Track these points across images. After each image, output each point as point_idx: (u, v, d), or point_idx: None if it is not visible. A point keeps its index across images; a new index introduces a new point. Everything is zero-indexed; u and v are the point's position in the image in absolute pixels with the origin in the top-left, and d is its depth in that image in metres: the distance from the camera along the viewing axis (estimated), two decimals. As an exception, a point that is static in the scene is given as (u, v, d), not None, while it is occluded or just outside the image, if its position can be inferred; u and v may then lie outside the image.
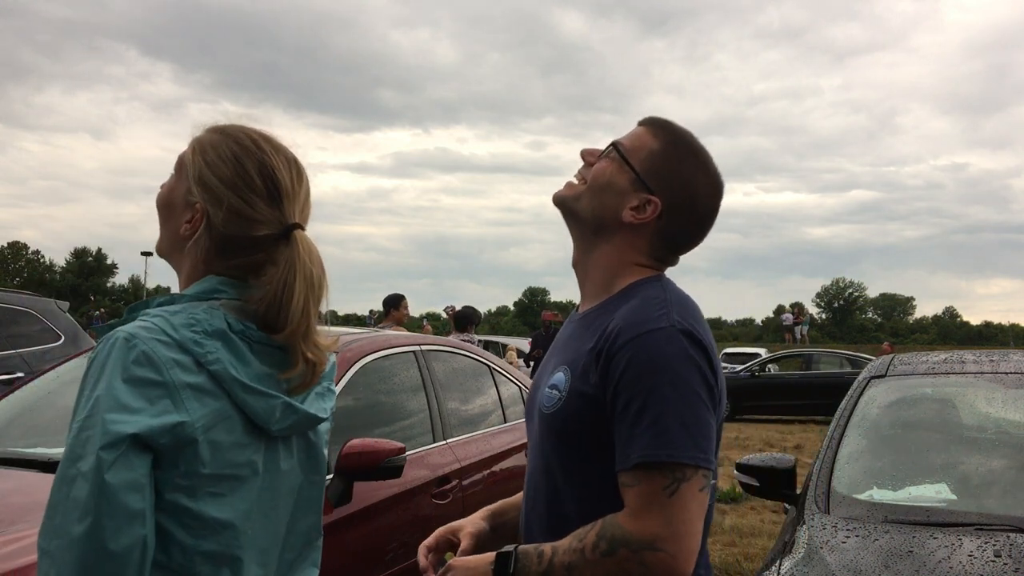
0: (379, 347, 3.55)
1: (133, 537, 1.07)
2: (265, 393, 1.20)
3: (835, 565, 2.25)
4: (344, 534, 2.79)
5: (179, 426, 1.12)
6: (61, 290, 57.99)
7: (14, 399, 3.38)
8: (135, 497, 1.07)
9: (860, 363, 15.15)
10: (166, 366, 1.13)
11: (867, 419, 3.16)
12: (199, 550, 1.15)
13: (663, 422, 1.20)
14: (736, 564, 5.50)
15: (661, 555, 1.17)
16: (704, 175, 1.40)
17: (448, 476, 3.49)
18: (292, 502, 1.30)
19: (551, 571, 1.24)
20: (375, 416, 3.44)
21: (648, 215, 1.36)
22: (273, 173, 1.28)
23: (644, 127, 1.43)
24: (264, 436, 1.22)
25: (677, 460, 1.19)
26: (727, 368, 20.34)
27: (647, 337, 1.24)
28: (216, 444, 1.15)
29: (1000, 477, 2.79)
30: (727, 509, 7.40)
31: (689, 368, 1.23)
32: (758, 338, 53.93)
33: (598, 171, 1.40)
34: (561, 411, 1.32)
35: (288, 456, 1.28)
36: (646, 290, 1.34)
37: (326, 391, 1.34)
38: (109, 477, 1.06)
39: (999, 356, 3.46)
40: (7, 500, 2.44)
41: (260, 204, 1.26)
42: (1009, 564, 2.17)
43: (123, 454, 1.07)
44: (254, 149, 1.29)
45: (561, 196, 1.44)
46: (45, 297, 7.09)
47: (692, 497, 1.19)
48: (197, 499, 1.14)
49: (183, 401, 1.13)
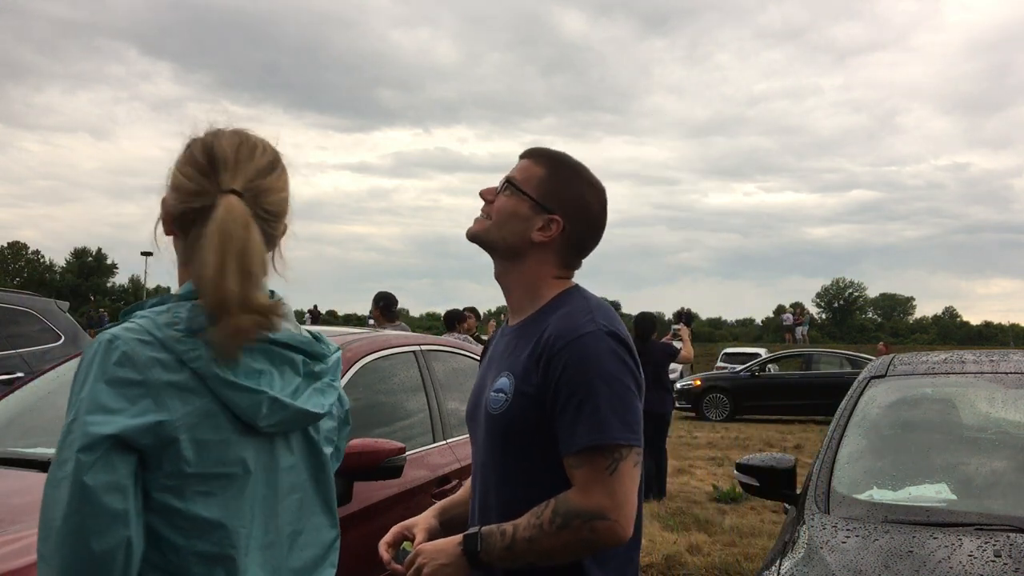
0: (379, 347, 3.55)
1: (116, 538, 1.08)
2: (249, 389, 1.19)
3: (835, 565, 2.25)
4: (344, 534, 2.77)
5: (160, 425, 1.11)
6: (61, 290, 57.94)
7: (14, 399, 3.38)
8: (116, 498, 1.08)
9: (860, 363, 15.15)
10: (146, 365, 1.13)
11: (867, 419, 3.16)
12: (192, 550, 1.14)
13: (600, 411, 1.43)
14: (736, 564, 5.50)
15: (608, 523, 1.41)
16: (589, 187, 1.63)
17: (448, 476, 3.49)
18: (298, 501, 1.28)
19: (514, 545, 1.44)
20: (375, 416, 3.44)
21: (554, 231, 1.58)
22: (211, 147, 1.28)
23: (527, 159, 1.64)
24: (255, 433, 1.20)
25: (615, 442, 1.42)
26: (727, 368, 20.37)
27: (580, 340, 1.46)
28: (202, 443, 1.15)
29: (1000, 477, 2.79)
30: (727, 509, 7.41)
31: (616, 363, 1.47)
32: (758, 338, 53.92)
33: (500, 206, 1.61)
34: (508, 411, 1.52)
35: (288, 454, 1.26)
36: (571, 301, 1.57)
37: (327, 387, 1.31)
38: (88, 479, 1.06)
39: (999, 356, 3.46)
40: (7, 500, 2.44)
41: (196, 175, 1.26)
42: (1009, 564, 2.17)
43: (102, 456, 1.08)
44: (201, 135, 1.31)
45: (473, 232, 1.64)
46: (45, 297, 7.09)
47: (628, 472, 1.43)
48: (185, 499, 1.14)
49: (164, 400, 1.12)
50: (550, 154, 1.64)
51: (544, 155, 1.64)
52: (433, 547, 1.52)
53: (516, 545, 1.44)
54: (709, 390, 16.94)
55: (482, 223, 1.63)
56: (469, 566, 1.47)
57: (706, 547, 5.94)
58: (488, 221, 1.62)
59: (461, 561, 1.47)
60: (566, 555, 1.44)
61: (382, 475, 2.81)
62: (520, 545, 1.43)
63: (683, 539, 6.13)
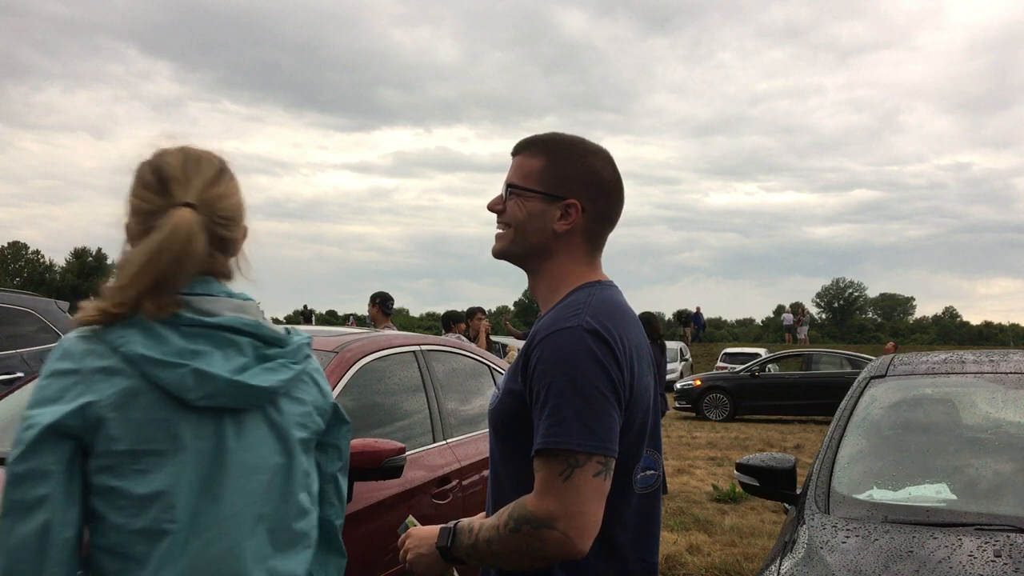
0: (379, 347, 3.55)
1: (31, 525, 1.15)
2: (171, 363, 1.24)
3: (835, 565, 2.25)
4: (344, 534, 2.79)
5: (87, 406, 1.19)
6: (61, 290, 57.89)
7: (14, 399, 3.38)
8: (36, 484, 1.16)
9: (860, 363, 15.15)
10: (80, 356, 1.23)
11: (867, 419, 3.15)
12: (131, 528, 1.20)
13: (560, 413, 1.32)
14: (736, 564, 5.49)
15: (556, 533, 1.31)
16: (592, 156, 1.53)
17: (448, 476, 3.49)
18: (264, 483, 1.31)
19: (477, 544, 1.40)
20: (375, 416, 3.44)
21: (574, 216, 1.50)
22: (159, 167, 1.36)
23: (519, 155, 1.56)
24: (191, 410, 1.25)
25: (569, 448, 1.31)
26: (727, 368, 20.36)
27: (554, 336, 1.37)
28: (131, 421, 1.21)
29: (1000, 477, 2.79)
30: (727, 509, 7.40)
31: (590, 364, 1.34)
32: (758, 338, 53.93)
33: (512, 212, 1.53)
34: (498, 407, 1.49)
35: (239, 434, 1.29)
36: (574, 296, 1.47)
37: (280, 366, 1.35)
38: (15, 467, 1.17)
39: (999, 356, 3.46)
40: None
41: (150, 196, 1.34)
42: (1009, 564, 2.17)
43: (32, 445, 1.17)
44: (148, 158, 1.39)
45: (500, 250, 1.57)
46: (45, 297, 7.09)
47: (585, 481, 1.31)
48: (121, 477, 1.20)
49: (92, 383, 1.21)
50: (541, 140, 1.56)
51: (535, 144, 1.55)
52: (420, 533, 1.51)
53: (479, 544, 1.40)
54: (709, 390, 16.92)
55: (504, 238, 1.55)
56: (442, 560, 1.45)
57: (706, 547, 5.93)
58: (509, 231, 1.54)
59: (436, 553, 1.46)
60: (519, 562, 1.36)
61: (382, 475, 2.81)
62: (481, 545, 1.39)
63: (683, 539, 6.13)
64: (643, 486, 1.47)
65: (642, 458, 1.46)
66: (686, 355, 28.37)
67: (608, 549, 1.41)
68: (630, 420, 1.40)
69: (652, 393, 1.49)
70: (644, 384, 1.44)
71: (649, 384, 1.47)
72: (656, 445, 1.50)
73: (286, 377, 1.35)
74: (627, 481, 1.43)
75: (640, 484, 1.46)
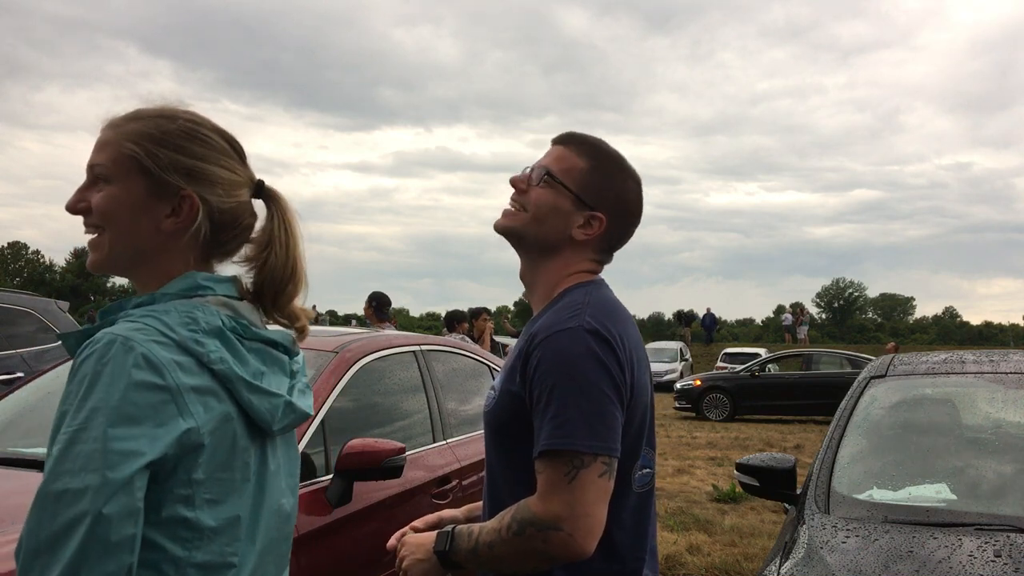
0: (379, 347, 3.55)
1: (118, 568, 0.98)
2: (269, 392, 1.15)
3: (835, 565, 2.25)
4: (344, 534, 2.79)
5: (187, 434, 1.04)
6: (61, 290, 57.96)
7: (14, 399, 3.38)
8: (128, 524, 0.98)
9: (860, 363, 15.15)
10: (168, 368, 1.03)
11: (867, 419, 3.15)
12: (192, 562, 1.06)
13: (564, 414, 1.31)
14: (736, 564, 5.49)
15: (561, 534, 1.30)
16: (631, 180, 1.52)
17: (448, 476, 3.49)
18: (282, 507, 1.23)
19: (477, 548, 1.38)
20: (375, 416, 3.44)
21: (595, 230, 1.48)
22: (222, 131, 1.24)
23: (563, 146, 1.51)
24: (260, 438, 1.16)
25: (575, 449, 1.30)
26: (727, 368, 20.35)
27: (555, 337, 1.36)
28: (218, 448, 1.08)
29: (1000, 477, 2.79)
30: (727, 509, 7.40)
31: (592, 364, 1.33)
32: (758, 338, 53.93)
33: (538, 199, 1.48)
34: (495, 408, 1.46)
35: (275, 458, 1.22)
36: (571, 295, 1.45)
37: (306, 388, 1.29)
38: (107, 509, 0.96)
39: (999, 356, 3.46)
40: (7, 500, 2.43)
41: (237, 166, 1.23)
42: (1009, 564, 2.17)
43: (129, 479, 0.98)
44: (196, 118, 1.22)
45: (504, 225, 1.51)
46: (45, 297, 7.10)
47: (591, 482, 1.30)
48: (195, 508, 1.06)
49: (187, 405, 1.04)
50: (590, 143, 1.51)
51: (583, 143, 1.50)
52: (415, 540, 1.49)
53: (479, 549, 1.37)
54: (709, 390, 16.92)
55: (516, 216, 1.50)
56: (440, 565, 1.43)
57: (706, 547, 5.93)
58: (524, 214, 1.49)
59: (434, 558, 1.43)
60: (521, 564, 1.35)
61: (382, 475, 2.81)
62: (482, 549, 1.37)
63: (683, 539, 6.13)
64: (640, 484, 1.46)
65: (640, 456, 1.45)
66: (686, 355, 28.39)
67: (607, 549, 1.40)
68: (630, 419, 1.40)
69: (650, 391, 1.49)
70: (643, 382, 1.44)
71: (647, 382, 1.47)
72: (652, 443, 1.50)
73: (311, 399, 1.29)
74: (626, 480, 1.42)
75: (638, 483, 1.46)
